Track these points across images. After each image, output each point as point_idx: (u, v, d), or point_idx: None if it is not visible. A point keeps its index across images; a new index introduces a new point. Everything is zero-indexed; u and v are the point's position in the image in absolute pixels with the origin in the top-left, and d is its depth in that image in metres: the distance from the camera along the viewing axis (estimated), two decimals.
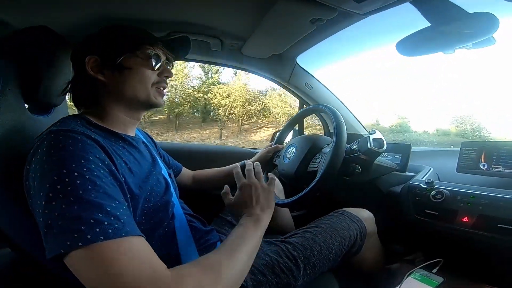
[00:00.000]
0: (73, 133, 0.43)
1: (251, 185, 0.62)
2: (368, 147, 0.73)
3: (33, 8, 0.71)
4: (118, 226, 0.38)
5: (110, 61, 0.57)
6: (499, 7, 0.64)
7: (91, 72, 0.56)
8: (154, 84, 0.62)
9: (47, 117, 0.70)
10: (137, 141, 0.62)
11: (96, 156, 0.43)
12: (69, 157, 0.40)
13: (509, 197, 0.67)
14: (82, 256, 0.35)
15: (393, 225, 0.97)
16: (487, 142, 0.84)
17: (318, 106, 0.89)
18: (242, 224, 0.55)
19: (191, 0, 0.79)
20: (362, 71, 45.71)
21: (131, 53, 0.59)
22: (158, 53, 0.62)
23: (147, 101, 0.61)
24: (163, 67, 0.64)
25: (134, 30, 0.63)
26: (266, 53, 1.12)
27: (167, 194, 0.60)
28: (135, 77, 0.59)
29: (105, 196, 0.40)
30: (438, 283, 0.74)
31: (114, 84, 0.58)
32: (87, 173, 0.40)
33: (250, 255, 0.50)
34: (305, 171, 0.81)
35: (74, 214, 0.36)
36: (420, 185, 0.83)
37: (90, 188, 0.39)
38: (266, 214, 0.59)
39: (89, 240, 0.35)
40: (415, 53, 0.87)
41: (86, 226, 0.36)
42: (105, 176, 0.42)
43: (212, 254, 0.46)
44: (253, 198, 0.60)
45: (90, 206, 0.37)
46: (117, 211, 0.39)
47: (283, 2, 0.72)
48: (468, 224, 0.71)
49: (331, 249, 0.71)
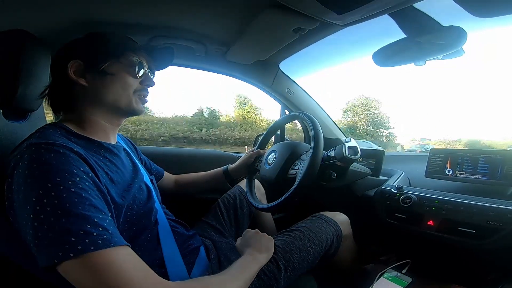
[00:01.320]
0: (55, 146, 0.43)
1: (255, 232, 0.74)
2: (344, 154, 0.77)
3: (11, 11, 0.69)
4: (107, 237, 0.39)
5: (93, 66, 0.57)
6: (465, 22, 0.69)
7: (73, 76, 0.56)
8: (136, 92, 0.63)
9: (23, 122, 0.68)
10: (118, 149, 0.62)
11: (80, 168, 0.44)
12: (53, 171, 0.40)
13: (469, 202, 0.74)
14: (75, 265, 0.37)
15: (367, 227, 1.02)
16: (453, 150, 0.90)
17: (298, 114, 0.92)
18: (243, 259, 0.64)
19: (176, 5, 0.79)
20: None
21: (115, 59, 0.59)
22: (141, 61, 0.63)
23: (128, 107, 0.62)
24: (146, 76, 0.65)
25: (119, 37, 0.63)
26: (250, 59, 1.14)
27: (150, 201, 0.61)
28: (117, 83, 0.59)
29: (92, 208, 0.41)
30: (407, 283, 0.79)
31: (95, 89, 0.58)
32: (72, 186, 0.40)
33: (246, 282, 0.57)
34: (285, 177, 0.84)
35: (63, 227, 0.37)
36: (391, 190, 0.89)
37: (77, 201, 0.40)
38: (262, 255, 0.67)
39: (80, 251, 0.37)
40: (390, 64, 0.92)
41: (76, 237, 0.37)
42: (90, 188, 0.43)
43: (217, 275, 0.55)
44: (254, 242, 0.70)
45: (78, 218, 0.38)
46: (103, 222, 0.41)
47: (268, 11, 0.75)
48: (433, 227, 0.77)
49: (310, 252, 0.75)
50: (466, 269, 0.82)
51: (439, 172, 0.90)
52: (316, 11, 0.71)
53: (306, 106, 1.34)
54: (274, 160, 0.88)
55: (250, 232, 0.75)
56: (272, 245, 0.71)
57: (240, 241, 0.75)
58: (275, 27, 0.84)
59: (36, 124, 0.72)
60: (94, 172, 0.47)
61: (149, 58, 0.67)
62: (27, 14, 0.72)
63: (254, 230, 0.75)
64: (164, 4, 0.78)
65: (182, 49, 1.05)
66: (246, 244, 0.70)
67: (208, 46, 1.05)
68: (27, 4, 0.69)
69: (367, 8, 0.67)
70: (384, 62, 0.91)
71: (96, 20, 0.81)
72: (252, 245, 0.69)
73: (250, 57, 1.12)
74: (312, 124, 0.79)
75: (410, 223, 0.82)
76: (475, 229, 0.71)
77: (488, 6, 0.61)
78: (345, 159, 0.77)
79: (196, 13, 0.84)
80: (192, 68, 1.21)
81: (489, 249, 0.70)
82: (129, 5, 0.77)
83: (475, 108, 53.70)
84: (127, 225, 0.53)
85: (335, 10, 0.69)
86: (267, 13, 0.75)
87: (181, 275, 0.60)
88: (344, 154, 0.76)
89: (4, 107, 0.61)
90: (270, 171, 0.88)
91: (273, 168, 0.87)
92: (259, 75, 1.24)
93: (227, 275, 0.55)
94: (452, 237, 0.74)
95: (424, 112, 48.57)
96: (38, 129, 0.52)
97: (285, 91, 1.30)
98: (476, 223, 0.71)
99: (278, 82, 1.28)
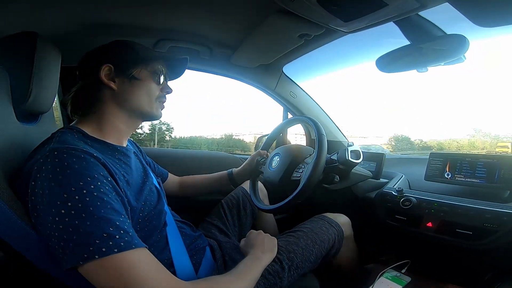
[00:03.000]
0: (75, 151, 0.45)
1: (259, 233, 0.75)
2: (346, 158, 0.79)
3: (22, 14, 0.70)
4: (128, 239, 0.42)
5: (123, 71, 0.60)
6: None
7: (105, 79, 0.59)
8: (157, 98, 0.66)
9: (34, 124, 0.69)
10: (129, 152, 0.64)
11: (100, 173, 0.45)
12: (75, 175, 0.42)
13: (466, 205, 0.76)
14: (99, 267, 0.39)
15: (368, 228, 1.05)
16: (452, 154, 0.92)
17: (302, 118, 0.94)
18: (248, 259, 0.65)
19: (183, 9, 0.81)
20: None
21: (143, 66, 0.63)
22: (162, 69, 0.67)
23: (150, 112, 0.65)
24: (165, 83, 0.69)
25: (143, 46, 0.67)
26: (254, 63, 1.16)
27: (160, 203, 0.63)
28: (143, 88, 0.63)
29: (113, 211, 0.43)
30: (406, 282, 0.81)
31: (122, 93, 0.61)
32: (94, 190, 0.42)
33: (251, 282, 0.59)
34: (289, 180, 0.86)
35: (87, 229, 0.39)
36: (392, 192, 0.91)
37: (99, 204, 0.42)
38: (266, 255, 0.68)
39: (104, 253, 0.39)
40: (393, 70, 0.94)
41: (99, 240, 0.39)
42: (109, 192, 0.45)
43: (223, 275, 0.56)
44: (258, 241, 0.71)
45: (101, 221, 0.41)
46: (124, 224, 0.43)
47: (275, 17, 0.76)
48: (432, 229, 0.79)
49: (312, 252, 0.77)
50: (464, 269, 0.84)
51: (438, 175, 0.92)
52: (322, 18, 0.73)
53: (309, 110, 1.36)
54: (278, 163, 0.90)
55: (254, 233, 0.76)
56: (275, 245, 0.73)
57: (244, 241, 0.76)
58: (281, 33, 0.86)
59: (46, 126, 0.73)
60: (112, 176, 0.48)
61: (166, 67, 0.70)
62: (36, 16, 0.73)
63: (258, 231, 0.76)
64: (171, 8, 0.80)
65: (187, 52, 1.06)
66: (250, 245, 0.72)
67: (213, 49, 1.06)
68: (37, 7, 0.70)
69: (373, 16, 0.68)
70: (387, 68, 0.92)
71: (104, 22, 0.83)
72: (256, 246, 0.70)
73: (254, 61, 1.14)
74: (316, 128, 0.81)
75: (410, 224, 0.84)
76: (472, 230, 0.73)
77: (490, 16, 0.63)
78: (348, 163, 0.80)
79: (203, 17, 0.85)
80: (196, 71, 1.22)
81: (485, 249, 0.72)
82: (136, 8, 0.79)
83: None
84: (139, 226, 0.55)
85: (341, 18, 0.71)
86: (274, 18, 0.77)
87: (189, 275, 0.62)
88: (347, 158, 0.79)
89: (17, 109, 0.62)
90: (274, 174, 0.89)
91: (277, 171, 0.89)
92: (262, 78, 1.26)
93: (233, 275, 0.57)
94: (450, 238, 0.76)
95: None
96: (55, 133, 0.54)
97: (288, 94, 1.32)
98: (473, 225, 0.73)
99: (282, 85, 1.30)
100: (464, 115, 51.00)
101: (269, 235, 0.76)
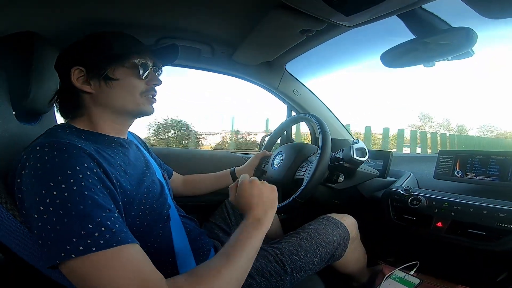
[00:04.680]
0: (58, 144, 0.43)
1: (253, 181, 0.59)
2: (352, 156, 0.77)
3: (21, 14, 0.69)
4: (109, 236, 0.39)
5: (96, 72, 0.56)
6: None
7: (77, 84, 0.55)
8: (142, 93, 0.61)
9: (35, 125, 0.69)
10: (129, 143, 0.63)
11: (84, 164, 0.43)
12: (55, 169, 0.41)
13: (478, 204, 0.73)
14: (77, 266, 0.37)
15: (375, 228, 1.02)
16: (462, 151, 0.89)
17: (306, 116, 0.92)
18: (243, 227, 0.53)
19: (183, 7, 0.80)
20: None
21: (118, 64, 0.57)
22: (145, 61, 0.60)
23: (137, 110, 0.61)
24: (151, 75, 0.62)
25: (121, 38, 0.61)
26: (256, 61, 1.14)
27: (163, 195, 0.61)
28: (123, 87, 0.58)
29: (94, 206, 0.40)
30: (415, 284, 0.79)
31: (102, 95, 0.57)
32: (74, 185, 0.40)
33: (249, 260, 0.49)
34: (292, 178, 0.84)
35: (65, 227, 0.38)
36: (399, 191, 0.88)
37: (79, 199, 0.39)
38: (268, 216, 0.55)
39: (81, 252, 0.37)
40: (398, 65, 0.91)
41: (77, 237, 0.37)
42: (93, 185, 0.43)
43: (211, 262, 0.46)
44: (255, 197, 0.56)
45: (80, 218, 0.38)
46: (107, 220, 0.40)
47: (275, 12, 0.75)
48: (442, 229, 0.76)
49: (316, 254, 0.74)
50: (475, 271, 0.81)
51: (448, 174, 0.89)
52: (323, 12, 0.71)
53: (313, 107, 1.34)
54: (281, 162, 0.89)
55: (247, 183, 0.58)
56: (276, 195, 0.60)
57: (234, 191, 0.60)
58: (282, 29, 0.84)
59: (47, 126, 0.73)
60: (102, 167, 0.46)
61: (154, 56, 0.65)
62: (34, 15, 0.72)
63: (251, 178, 0.60)
64: (171, 5, 0.79)
65: (188, 50, 1.06)
66: (246, 201, 0.56)
67: (215, 48, 1.06)
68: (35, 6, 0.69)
69: (375, 10, 0.66)
70: (392, 63, 0.90)
71: (103, 20, 0.82)
72: (254, 203, 0.55)
73: (256, 58, 1.13)
74: (319, 126, 0.79)
75: (419, 224, 0.81)
76: (485, 230, 0.70)
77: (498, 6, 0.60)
78: (353, 161, 0.77)
79: (203, 14, 0.84)
80: (198, 70, 1.22)
81: (499, 251, 0.69)
82: (137, 6, 0.78)
83: None
84: (139, 219, 0.53)
85: (342, 12, 0.69)
86: (274, 14, 0.76)
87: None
88: (352, 156, 0.76)
89: (17, 109, 0.62)
90: (277, 173, 0.88)
91: (280, 170, 0.87)
92: (265, 76, 1.25)
93: (224, 256, 0.46)
94: (461, 239, 0.73)
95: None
96: (46, 130, 0.53)
97: (291, 92, 1.30)
98: (486, 224, 0.70)
99: (285, 83, 1.28)
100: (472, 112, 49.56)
101: (266, 183, 0.60)
